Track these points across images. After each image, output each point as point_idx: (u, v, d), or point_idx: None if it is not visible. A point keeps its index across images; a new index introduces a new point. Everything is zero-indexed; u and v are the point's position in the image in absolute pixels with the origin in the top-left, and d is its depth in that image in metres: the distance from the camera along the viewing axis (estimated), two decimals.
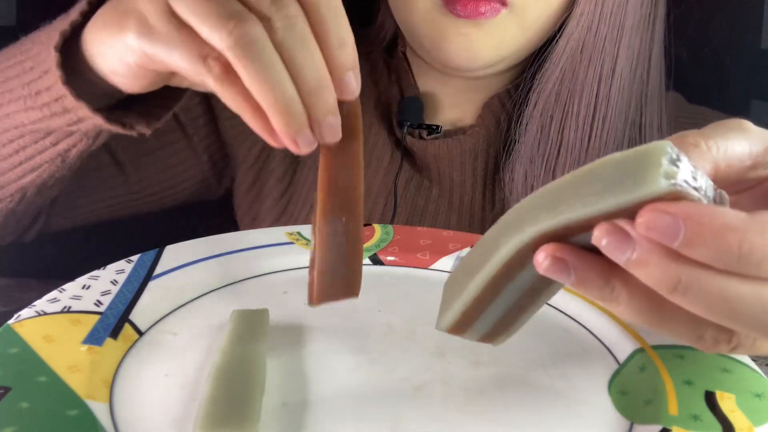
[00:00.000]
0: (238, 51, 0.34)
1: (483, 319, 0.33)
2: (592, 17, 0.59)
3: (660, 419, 0.33)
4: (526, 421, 0.34)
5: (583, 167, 0.27)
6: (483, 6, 0.56)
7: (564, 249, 0.27)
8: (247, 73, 0.34)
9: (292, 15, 0.35)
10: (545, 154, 0.62)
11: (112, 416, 0.32)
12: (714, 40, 0.73)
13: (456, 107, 0.68)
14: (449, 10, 0.57)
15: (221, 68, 0.35)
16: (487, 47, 0.59)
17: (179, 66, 0.37)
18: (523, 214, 0.29)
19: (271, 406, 0.34)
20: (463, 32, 0.58)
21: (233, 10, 0.34)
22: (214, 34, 0.34)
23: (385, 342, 0.40)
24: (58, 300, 0.40)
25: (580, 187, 0.27)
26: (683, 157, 0.26)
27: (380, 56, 0.72)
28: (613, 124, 0.61)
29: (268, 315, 0.40)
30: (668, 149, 0.25)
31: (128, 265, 0.45)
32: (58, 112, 0.46)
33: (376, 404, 0.34)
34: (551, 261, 0.27)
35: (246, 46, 0.34)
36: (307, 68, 0.35)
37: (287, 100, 0.34)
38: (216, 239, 0.50)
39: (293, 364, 0.38)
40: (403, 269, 0.50)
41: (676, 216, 0.24)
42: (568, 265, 0.27)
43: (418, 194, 0.67)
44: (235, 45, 0.34)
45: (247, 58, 0.34)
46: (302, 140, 0.35)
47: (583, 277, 0.27)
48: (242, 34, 0.34)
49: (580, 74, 0.60)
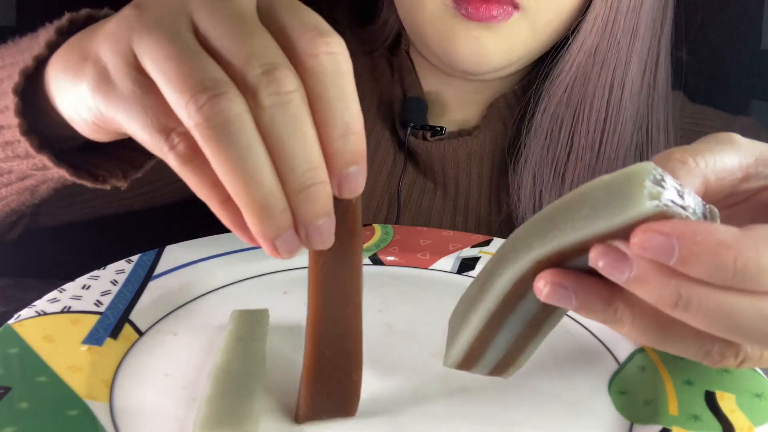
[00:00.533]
0: (208, 132, 0.26)
1: (490, 352, 0.32)
2: (606, 21, 0.58)
3: (660, 419, 0.33)
4: (526, 421, 0.34)
5: (574, 191, 0.28)
6: (495, 9, 0.55)
7: (563, 274, 0.27)
8: (217, 161, 0.27)
9: (288, 91, 0.27)
10: (554, 159, 0.61)
11: (112, 416, 0.32)
12: (714, 41, 0.73)
13: (460, 108, 0.68)
14: (460, 13, 0.56)
15: (186, 147, 0.28)
16: (498, 51, 0.58)
17: (137, 136, 0.29)
18: (518, 244, 0.29)
19: (271, 406, 0.34)
20: (473, 35, 0.57)
21: (209, 77, 0.27)
22: (181, 105, 0.27)
23: (385, 342, 0.40)
24: (58, 300, 0.40)
25: (569, 211, 0.27)
26: (668, 177, 0.26)
27: (383, 55, 0.71)
28: (624, 128, 0.60)
29: (269, 315, 0.40)
30: (652, 170, 0.26)
31: (128, 265, 0.45)
32: (21, 155, 0.39)
33: (376, 404, 0.34)
34: (551, 288, 0.27)
35: (218, 127, 0.26)
36: (298, 160, 0.27)
37: (265, 198, 0.27)
38: (216, 239, 0.50)
39: (293, 364, 0.38)
40: (403, 269, 0.50)
41: (670, 235, 0.24)
42: (569, 290, 0.27)
43: (423, 197, 0.66)
44: (206, 124, 0.26)
45: (218, 141, 0.26)
46: (283, 245, 0.28)
47: (585, 300, 0.27)
48: (215, 111, 0.26)
49: (593, 79, 0.60)
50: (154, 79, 0.28)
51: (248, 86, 0.27)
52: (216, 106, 0.26)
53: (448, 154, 0.64)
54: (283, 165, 0.27)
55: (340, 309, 0.32)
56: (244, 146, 0.27)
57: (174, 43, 0.27)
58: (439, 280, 0.48)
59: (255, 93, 0.27)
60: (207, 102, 0.26)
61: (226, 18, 0.28)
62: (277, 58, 0.27)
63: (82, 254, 0.53)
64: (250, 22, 0.28)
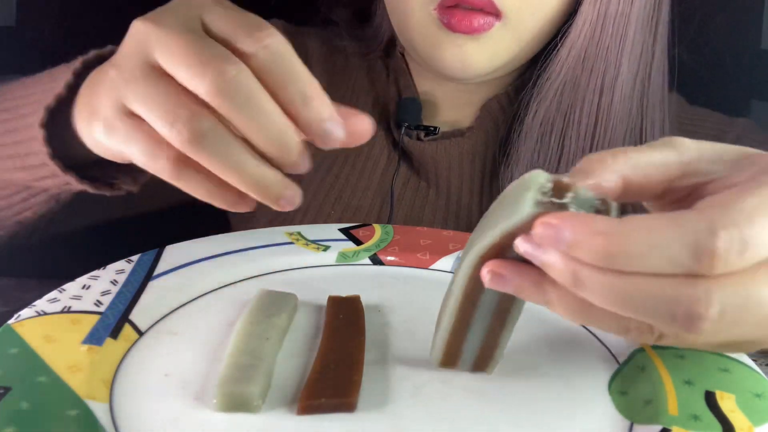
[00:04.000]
0: (193, 148, 0.34)
1: (466, 348, 0.36)
2: (595, 26, 0.59)
3: (660, 419, 0.33)
4: (525, 421, 0.34)
5: (501, 194, 0.34)
6: (476, 20, 0.56)
7: (500, 263, 0.32)
8: (210, 166, 0.34)
9: (233, 76, 0.33)
10: (545, 162, 0.62)
11: (112, 416, 0.32)
12: (714, 40, 0.73)
13: (454, 109, 0.68)
14: (444, 24, 0.57)
15: (174, 159, 0.35)
16: (481, 59, 0.59)
17: (140, 163, 0.37)
18: (468, 243, 0.34)
19: (271, 402, 0.34)
20: (457, 43, 0.58)
21: (179, 102, 0.34)
22: (166, 130, 0.34)
23: (385, 342, 0.40)
24: (58, 300, 0.40)
25: (494, 213, 0.33)
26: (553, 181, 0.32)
27: (379, 56, 0.72)
28: (615, 132, 0.61)
29: (296, 299, 0.43)
30: (539, 178, 0.32)
31: (128, 265, 0.45)
32: (48, 176, 0.47)
33: (376, 404, 0.34)
34: (491, 276, 0.32)
35: (199, 143, 0.34)
36: (267, 131, 0.34)
37: (257, 178, 0.35)
38: (216, 239, 0.50)
39: (292, 364, 0.38)
40: (403, 269, 0.50)
41: (558, 225, 0.28)
42: (505, 276, 0.31)
43: (416, 196, 0.67)
44: (190, 142, 0.34)
45: (203, 152, 0.34)
46: (286, 202, 0.36)
47: (519, 284, 0.31)
48: (194, 130, 0.33)
49: (582, 83, 0.60)
50: (143, 117, 0.36)
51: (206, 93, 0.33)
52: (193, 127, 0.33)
53: (441, 153, 0.65)
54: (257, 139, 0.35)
55: (346, 343, 0.38)
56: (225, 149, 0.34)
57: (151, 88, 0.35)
58: (439, 280, 0.48)
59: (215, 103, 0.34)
60: (185, 124, 0.33)
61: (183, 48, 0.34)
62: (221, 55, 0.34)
63: (82, 254, 0.53)
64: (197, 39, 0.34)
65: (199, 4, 0.36)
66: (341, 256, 0.50)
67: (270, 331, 0.38)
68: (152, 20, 0.36)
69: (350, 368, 0.36)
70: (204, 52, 0.34)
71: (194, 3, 0.36)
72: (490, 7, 0.56)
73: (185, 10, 0.36)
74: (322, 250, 0.50)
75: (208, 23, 0.36)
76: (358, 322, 0.41)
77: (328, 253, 0.50)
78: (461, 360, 0.37)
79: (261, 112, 0.34)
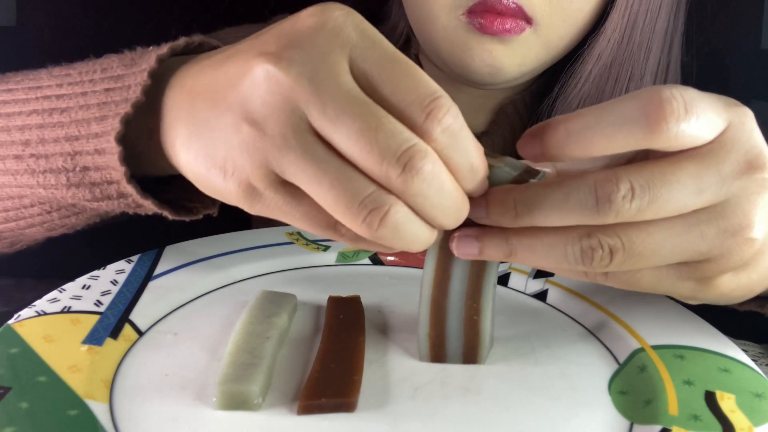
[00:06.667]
0: (380, 235, 0.31)
1: (449, 338, 0.38)
2: (623, 35, 0.58)
3: (660, 419, 0.33)
4: (525, 421, 0.34)
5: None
6: (509, 22, 0.55)
7: (467, 228, 0.35)
8: (390, 244, 0.32)
9: (430, 171, 0.31)
10: None
11: (112, 416, 0.32)
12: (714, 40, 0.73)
13: (469, 113, 0.67)
14: (473, 26, 0.56)
15: (353, 236, 0.33)
16: (511, 64, 0.58)
17: (297, 226, 0.34)
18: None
19: (271, 402, 0.34)
20: (487, 48, 0.57)
21: (358, 188, 0.31)
22: (349, 219, 0.31)
23: (385, 342, 0.40)
24: (58, 300, 0.40)
25: None
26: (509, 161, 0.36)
27: None
28: None
29: (296, 299, 0.42)
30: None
31: (128, 265, 0.45)
32: (113, 197, 0.40)
33: (376, 404, 0.34)
34: (458, 239, 0.35)
35: (388, 230, 0.31)
36: (448, 209, 0.32)
37: (421, 242, 0.33)
38: (216, 239, 0.50)
39: (292, 364, 0.38)
40: (403, 269, 0.50)
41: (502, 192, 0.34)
42: (472, 236, 0.35)
43: None
44: (379, 231, 0.31)
45: (390, 238, 0.31)
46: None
47: (486, 242, 0.35)
48: (387, 224, 0.31)
49: (607, 92, 0.60)
50: (302, 189, 0.32)
51: (393, 186, 0.30)
52: (379, 220, 0.30)
53: None
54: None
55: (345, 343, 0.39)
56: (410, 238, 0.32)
57: (314, 163, 0.31)
58: None
59: (403, 191, 0.31)
60: (370, 215, 0.30)
61: (340, 112, 0.30)
62: (406, 143, 0.30)
63: (82, 254, 0.53)
64: (365, 109, 0.30)
65: (344, 42, 0.31)
66: (341, 256, 0.50)
67: (270, 330, 0.38)
68: (297, 68, 0.31)
69: (350, 368, 0.36)
70: (385, 137, 0.30)
71: (337, 37, 0.31)
72: (520, 14, 0.55)
73: (328, 49, 0.31)
74: (322, 250, 0.50)
75: (363, 74, 0.31)
76: (358, 322, 0.41)
77: (328, 253, 0.50)
78: (449, 352, 0.38)
79: (448, 197, 0.32)
